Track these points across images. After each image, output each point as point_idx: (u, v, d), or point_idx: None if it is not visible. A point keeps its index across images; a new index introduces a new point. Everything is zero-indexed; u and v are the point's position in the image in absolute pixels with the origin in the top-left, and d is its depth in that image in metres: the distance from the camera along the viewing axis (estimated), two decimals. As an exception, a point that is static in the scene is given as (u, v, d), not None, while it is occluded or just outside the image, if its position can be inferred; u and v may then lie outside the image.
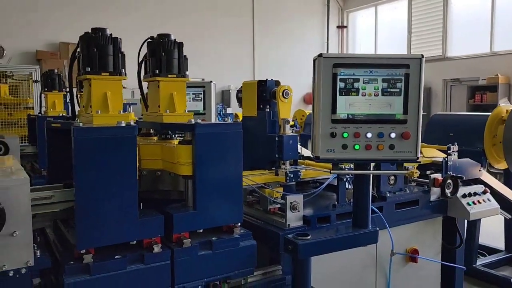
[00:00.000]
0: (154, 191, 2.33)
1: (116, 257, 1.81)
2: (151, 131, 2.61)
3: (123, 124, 1.85)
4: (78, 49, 2.11)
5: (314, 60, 2.20)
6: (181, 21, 12.16)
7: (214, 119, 4.68)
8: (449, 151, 3.30)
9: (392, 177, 2.94)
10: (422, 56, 2.19)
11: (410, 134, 2.18)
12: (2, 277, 1.58)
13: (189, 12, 12.55)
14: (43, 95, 5.10)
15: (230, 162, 2.08)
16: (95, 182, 1.73)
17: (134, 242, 1.88)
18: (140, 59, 2.41)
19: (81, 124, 1.73)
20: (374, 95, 2.21)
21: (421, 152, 3.58)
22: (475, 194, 3.20)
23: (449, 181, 3.03)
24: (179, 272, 1.93)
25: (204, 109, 4.60)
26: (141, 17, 11.54)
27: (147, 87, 2.41)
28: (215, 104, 4.99)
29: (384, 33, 14.88)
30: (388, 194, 2.88)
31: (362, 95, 2.21)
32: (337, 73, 2.19)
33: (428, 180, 3.12)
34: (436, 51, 12.88)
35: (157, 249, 1.88)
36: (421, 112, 2.21)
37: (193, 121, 2.08)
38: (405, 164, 3.27)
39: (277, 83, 2.94)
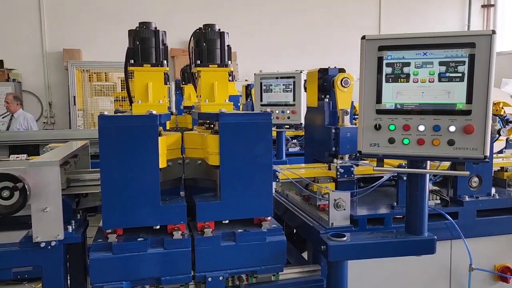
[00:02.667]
0: (199, 179, 2.38)
1: (138, 239, 1.91)
2: (207, 121, 2.67)
3: (151, 113, 1.92)
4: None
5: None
6: (305, 10, 12.06)
7: (303, 110, 4.59)
8: None
9: (476, 179, 2.48)
10: (493, 31, 1.78)
11: (474, 127, 1.81)
12: (35, 248, 1.81)
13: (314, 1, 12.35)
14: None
15: (258, 153, 2.01)
16: (118, 167, 1.85)
17: (158, 226, 1.95)
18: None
19: (106, 113, 1.86)
20: (429, 81, 1.89)
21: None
22: None
23: (557, 187, 2.43)
24: (200, 260, 1.95)
25: (294, 100, 4.54)
26: (264, 11, 11.79)
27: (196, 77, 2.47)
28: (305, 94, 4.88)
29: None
30: (467, 199, 2.44)
31: (414, 82, 1.91)
32: (383, 57, 1.93)
33: (530, 185, 2.56)
34: None
35: (177, 235, 1.93)
36: (491, 102, 1.81)
37: (223, 111, 2.05)
38: (504, 165, 2.78)
39: (340, 70, 2.73)
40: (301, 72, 4.53)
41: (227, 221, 2.04)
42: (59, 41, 10.09)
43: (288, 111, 4.40)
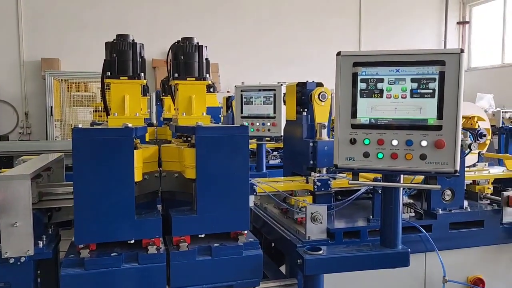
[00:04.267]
0: (176, 193, 2.36)
1: (112, 254, 1.87)
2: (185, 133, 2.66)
3: (126, 127, 1.91)
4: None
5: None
6: (289, 23, 12.18)
7: (283, 123, 4.61)
8: (537, 164, 2.73)
9: (448, 192, 2.53)
10: (462, 50, 1.85)
11: (444, 142, 1.86)
12: (4, 264, 1.76)
13: (296, 13, 12.47)
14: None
15: (235, 167, 2.01)
16: (91, 180, 1.82)
17: (132, 241, 1.92)
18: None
19: (80, 125, 1.83)
20: (402, 97, 1.94)
21: (505, 165, 3.06)
22: None
23: (525, 200, 2.50)
24: (175, 275, 1.93)
25: (274, 112, 4.56)
26: (247, 24, 11.84)
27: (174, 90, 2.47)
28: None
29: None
30: (441, 212, 2.49)
31: (387, 97, 1.96)
32: (358, 72, 1.97)
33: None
34: None
35: (151, 250, 1.91)
36: (461, 117, 1.87)
37: (199, 124, 2.05)
38: (476, 178, 2.85)
39: (318, 85, 2.76)
40: (281, 85, 4.57)
41: (203, 235, 2.02)
42: (37, 50, 9.93)
43: (268, 124, 4.42)
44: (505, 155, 3.23)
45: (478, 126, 3.13)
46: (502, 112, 7.31)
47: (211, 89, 5.67)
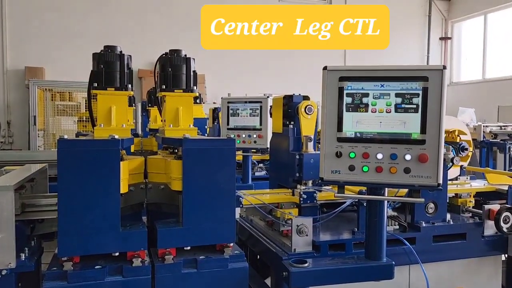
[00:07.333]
0: (162, 204, 2.35)
1: (96, 267, 1.85)
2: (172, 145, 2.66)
3: (113, 138, 1.90)
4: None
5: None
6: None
7: (270, 135, 4.63)
8: (517, 178, 2.80)
9: (432, 205, 2.57)
10: (444, 67, 1.90)
11: (428, 156, 1.90)
12: (-16, 276, 1.72)
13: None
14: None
15: (221, 179, 2.01)
16: (76, 192, 1.81)
17: (117, 253, 1.90)
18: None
19: (65, 136, 1.82)
20: (386, 112, 1.98)
21: (485, 179, 3.12)
22: (547, 232, 2.63)
23: (506, 213, 2.55)
24: (160, 288, 1.91)
25: (260, 124, 4.57)
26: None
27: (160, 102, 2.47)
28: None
29: (497, 43, 13.25)
30: (424, 224, 2.52)
31: (372, 112, 1.99)
32: (344, 87, 2.01)
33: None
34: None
35: (136, 262, 1.89)
36: (443, 132, 1.91)
37: (186, 136, 2.05)
38: (458, 192, 2.90)
39: (305, 98, 2.80)
40: (267, 97, 4.59)
41: (189, 248, 2.01)
42: (21, 59, 9.81)
43: (254, 135, 4.42)
44: (486, 169, 3.30)
45: (460, 140, 3.20)
46: (483, 126, 7.48)
47: (197, 100, 5.67)
